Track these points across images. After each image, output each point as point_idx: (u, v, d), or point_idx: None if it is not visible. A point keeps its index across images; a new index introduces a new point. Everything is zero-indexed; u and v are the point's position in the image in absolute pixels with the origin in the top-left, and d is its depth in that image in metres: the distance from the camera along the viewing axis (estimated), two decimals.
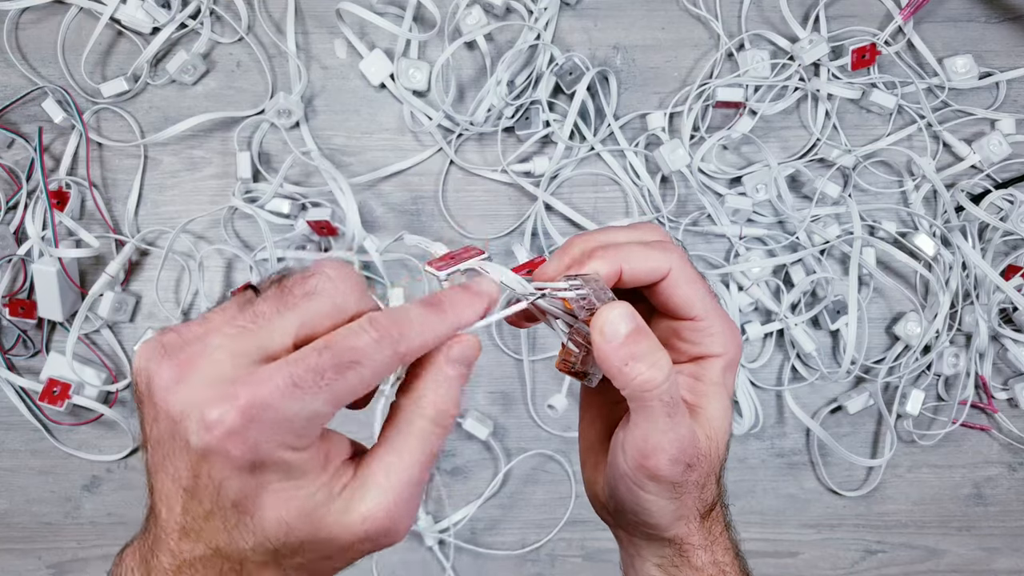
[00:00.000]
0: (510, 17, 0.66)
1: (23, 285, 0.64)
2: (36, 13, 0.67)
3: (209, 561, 0.26)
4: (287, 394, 0.24)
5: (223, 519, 0.25)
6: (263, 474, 0.25)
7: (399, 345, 0.26)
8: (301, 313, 0.26)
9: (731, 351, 0.33)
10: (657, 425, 0.30)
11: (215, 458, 0.24)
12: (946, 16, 0.68)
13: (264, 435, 0.24)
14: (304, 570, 0.27)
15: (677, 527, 0.33)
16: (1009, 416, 0.66)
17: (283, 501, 0.25)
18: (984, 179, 0.67)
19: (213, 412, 0.23)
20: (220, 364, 0.24)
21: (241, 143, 0.66)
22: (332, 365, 0.24)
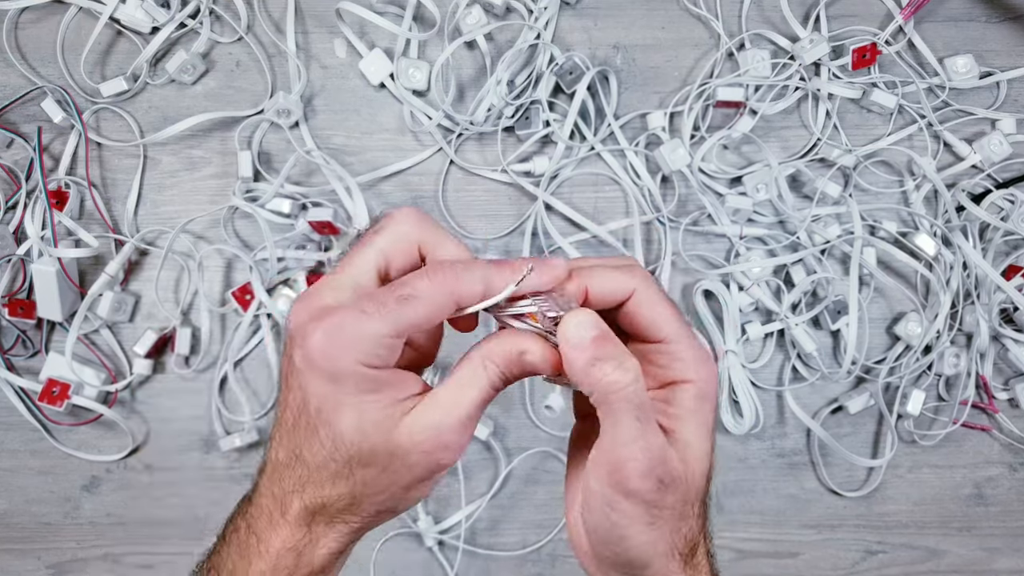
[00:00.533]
0: (510, 17, 0.66)
1: (22, 285, 0.64)
2: (35, 13, 0.67)
3: (290, 465, 0.32)
4: (357, 318, 0.29)
5: (306, 427, 0.31)
6: (343, 386, 0.30)
7: (452, 288, 0.30)
8: (374, 246, 0.32)
9: (704, 380, 0.32)
10: (626, 431, 0.30)
11: (306, 369, 0.30)
12: (947, 16, 0.68)
13: (340, 350, 0.29)
14: (372, 485, 0.32)
15: (656, 566, 0.32)
16: (1010, 416, 0.66)
17: (359, 412, 0.30)
18: (985, 179, 0.67)
19: (306, 330, 0.30)
20: (325, 296, 0.31)
21: (241, 143, 0.66)
22: (393, 298, 0.29)
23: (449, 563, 0.65)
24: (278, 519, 0.33)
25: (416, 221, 0.32)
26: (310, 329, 0.29)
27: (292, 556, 0.32)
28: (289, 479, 0.32)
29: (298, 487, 0.32)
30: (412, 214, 0.32)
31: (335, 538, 0.33)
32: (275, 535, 0.32)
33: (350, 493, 0.32)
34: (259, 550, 0.32)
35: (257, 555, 0.32)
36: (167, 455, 0.66)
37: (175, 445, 0.66)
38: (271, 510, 0.33)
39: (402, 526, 0.65)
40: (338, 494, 0.32)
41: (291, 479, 0.32)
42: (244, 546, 0.33)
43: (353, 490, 0.32)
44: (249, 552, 0.33)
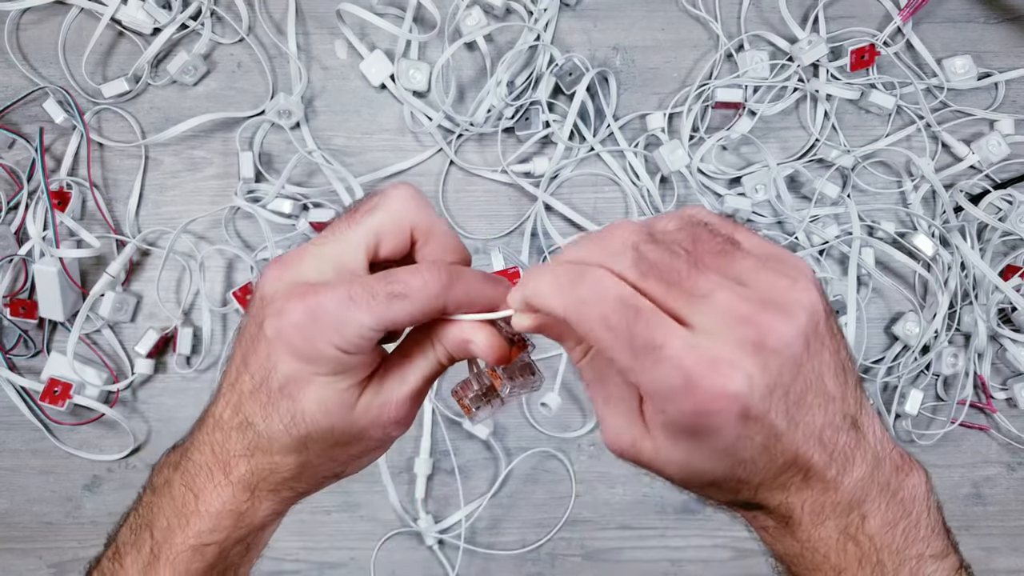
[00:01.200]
0: (510, 18, 0.67)
1: (24, 285, 0.64)
2: (37, 14, 0.67)
3: (239, 428, 0.31)
4: (343, 304, 0.28)
5: (266, 398, 0.30)
6: (314, 366, 0.29)
7: (443, 294, 0.30)
8: (366, 225, 0.31)
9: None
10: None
11: (278, 343, 0.29)
12: (945, 17, 0.68)
13: (319, 333, 0.29)
14: (323, 456, 0.32)
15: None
16: (1008, 416, 0.66)
17: (325, 391, 0.30)
18: (983, 179, 0.67)
19: (287, 304, 0.29)
20: (306, 268, 0.30)
21: (242, 143, 0.66)
22: (384, 292, 0.29)
23: (449, 562, 0.65)
24: (220, 479, 0.32)
25: (412, 202, 0.32)
26: (291, 305, 0.29)
27: (232, 517, 0.32)
28: (236, 441, 0.32)
29: (246, 452, 0.32)
30: (407, 194, 0.32)
31: (278, 501, 0.33)
32: (216, 496, 0.32)
33: (300, 464, 0.32)
34: (197, 509, 0.32)
35: (196, 514, 0.32)
36: None
37: None
38: (211, 468, 0.32)
39: (402, 526, 0.65)
40: (287, 465, 0.32)
41: (239, 442, 0.32)
42: (180, 503, 0.33)
43: (304, 461, 0.32)
44: (186, 510, 0.32)
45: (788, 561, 0.31)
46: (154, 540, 0.33)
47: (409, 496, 0.66)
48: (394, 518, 0.66)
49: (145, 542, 0.33)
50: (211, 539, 0.32)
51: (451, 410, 0.66)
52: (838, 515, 0.29)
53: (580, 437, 0.66)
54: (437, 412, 0.65)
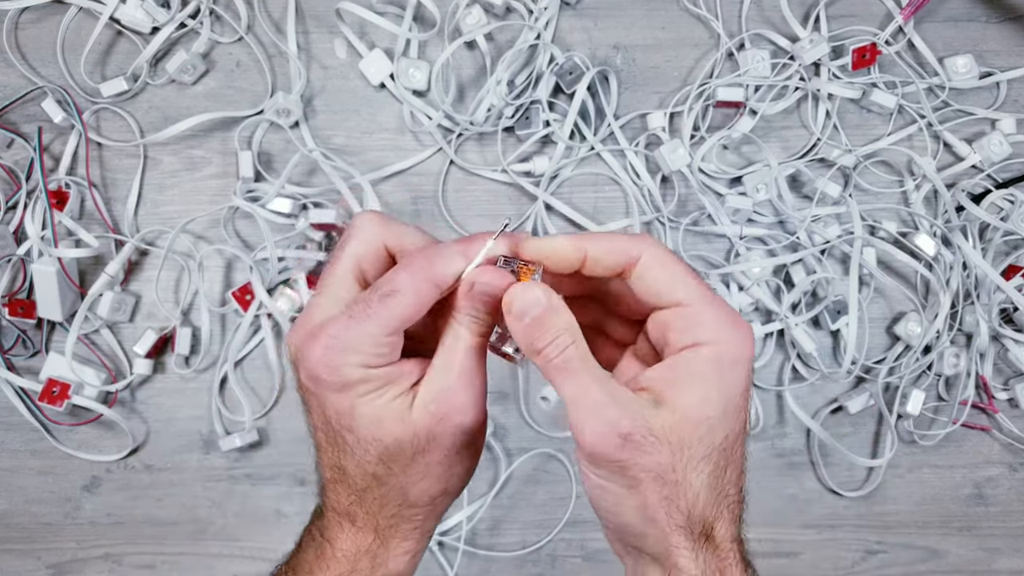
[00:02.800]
0: (510, 17, 0.66)
1: (22, 285, 0.64)
2: (35, 13, 0.67)
3: (339, 480, 0.33)
4: (346, 325, 0.30)
5: (335, 441, 0.32)
6: (352, 390, 0.31)
7: (429, 274, 0.31)
8: (344, 258, 0.33)
9: (725, 342, 0.31)
10: (568, 393, 0.30)
11: (315, 387, 0.31)
12: (947, 16, 0.68)
13: (340, 359, 0.30)
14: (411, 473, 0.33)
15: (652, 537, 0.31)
16: (1010, 416, 0.66)
17: (372, 408, 0.31)
18: (985, 179, 0.67)
19: (306, 351, 0.31)
20: (312, 317, 0.32)
21: (241, 143, 0.66)
22: (376, 297, 0.30)
23: (449, 564, 0.65)
24: (348, 527, 0.34)
25: (377, 225, 0.34)
26: (308, 348, 0.31)
27: (368, 559, 0.34)
28: (343, 494, 0.33)
29: (354, 500, 0.33)
30: (371, 217, 0.34)
31: (405, 536, 0.34)
32: (349, 542, 0.34)
33: (398, 488, 0.33)
34: (335, 555, 0.34)
35: (334, 559, 0.34)
36: (167, 455, 0.66)
37: (175, 445, 0.66)
38: (340, 521, 0.34)
39: None
40: (386, 494, 0.33)
41: (344, 494, 0.33)
42: (320, 551, 0.34)
43: (399, 484, 0.33)
44: (325, 556, 0.34)
45: None
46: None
47: None
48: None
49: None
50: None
51: None
52: None
53: None
54: None
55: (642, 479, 0.30)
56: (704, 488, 0.31)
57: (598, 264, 0.32)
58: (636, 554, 0.34)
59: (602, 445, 0.29)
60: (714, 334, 0.31)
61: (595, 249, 0.32)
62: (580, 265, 0.32)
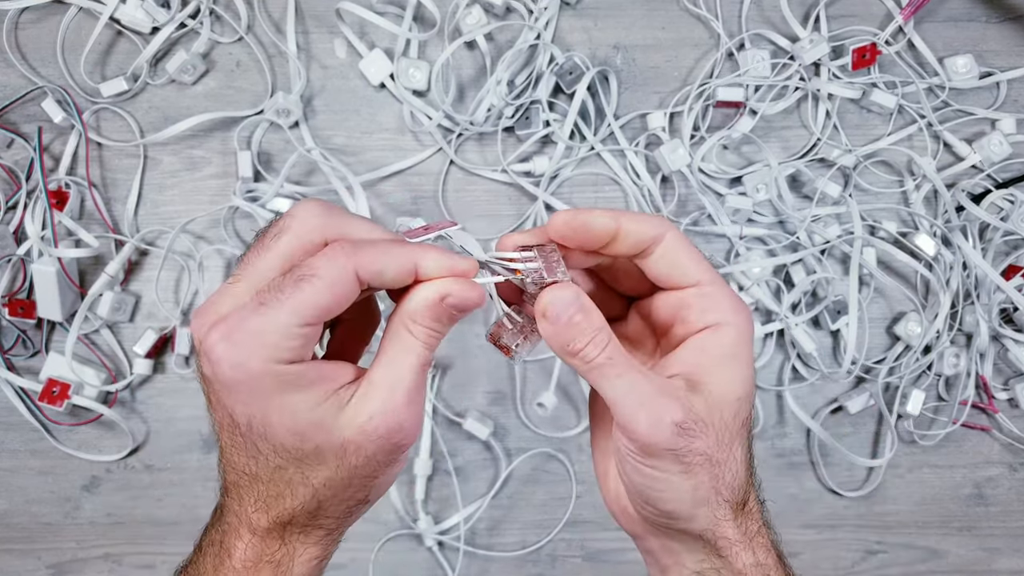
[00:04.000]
0: (510, 17, 0.66)
1: (22, 285, 0.64)
2: (35, 13, 0.67)
3: (244, 485, 0.30)
4: (255, 311, 0.27)
5: (244, 445, 0.29)
6: (262, 392, 0.28)
7: (350, 261, 0.28)
8: (276, 251, 0.29)
9: (742, 321, 0.32)
10: (613, 389, 0.30)
11: (218, 385, 0.28)
12: (947, 16, 0.68)
13: (246, 352, 0.27)
14: (330, 487, 0.30)
15: (703, 516, 0.31)
16: (1010, 416, 0.66)
17: (290, 415, 0.28)
18: (985, 179, 0.67)
19: (207, 342, 0.27)
20: (221, 307, 0.28)
21: (241, 143, 0.66)
22: (291, 282, 0.27)
23: (449, 564, 0.65)
24: (248, 537, 0.31)
25: (318, 217, 0.30)
26: (211, 340, 0.27)
27: (269, 569, 0.31)
28: (248, 498, 0.31)
29: (261, 505, 0.31)
30: (312, 210, 0.30)
31: (313, 543, 0.32)
32: (249, 551, 0.31)
33: (314, 497, 0.30)
34: (233, 566, 0.31)
35: (234, 571, 0.31)
36: (167, 455, 0.66)
37: (175, 445, 0.66)
38: (237, 528, 0.31)
39: (402, 527, 0.65)
40: (301, 502, 0.30)
41: (250, 498, 0.31)
42: (218, 559, 0.32)
43: (316, 494, 0.30)
44: (223, 566, 0.31)
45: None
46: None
47: (409, 497, 0.66)
48: (394, 519, 0.66)
49: None
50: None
51: (451, 410, 0.65)
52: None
53: (579, 435, 0.66)
54: (438, 413, 0.65)
55: (695, 463, 0.30)
56: (742, 463, 0.32)
57: (626, 240, 0.32)
58: (672, 535, 0.33)
59: (658, 436, 0.29)
60: (733, 314, 0.32)
61: (629, 225, 0.31)
62: (610, 240, 0.31)
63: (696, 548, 0.32)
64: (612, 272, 0.35)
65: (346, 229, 0.30)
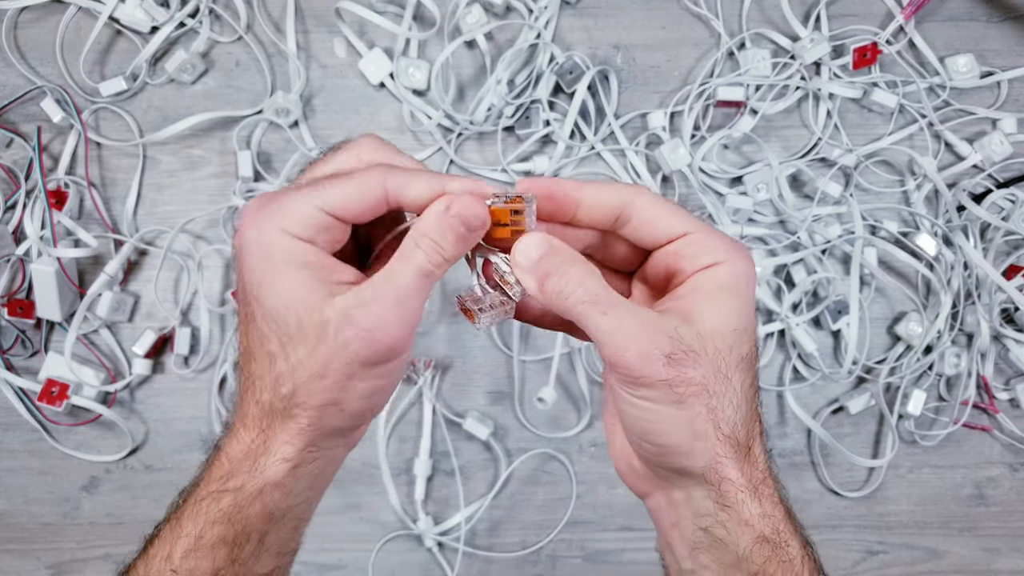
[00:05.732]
0: (510, 16, 0.66)
1: (21, 285, 0.64)
2: (35, 12, 0.67)
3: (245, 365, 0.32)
4: (288, 191, 0.31)
5: (247, 315, 0.31)
6: (271, 259, 0.30)
7: (384, 175, 0.31)
8: (332, 163, 0.33)
9: (739, 261, 0.32)
10: (600, 326, 0.30)
11: (240, 250, 0.31)
12: (947, 15, 0.68)
13: (267, 219, 0.30)
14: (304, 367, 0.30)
15: (700, 451, 0.30)
16: (1011, 416, 0.66)
17: (286, 283, 0.30)
18: (986, 179, 0.66)
19: (245, 210, 0.31)
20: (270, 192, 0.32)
21: (240, 142, 0.66)
22: (326, 177, 0.31)
23: (449, 564, 0.65)
24: (238, 427, 0.33)
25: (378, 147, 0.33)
26: (247, 208, 0.31)
27: (248, 463, 0.32)
28: (245, 381, 0.32)
29: (249, 385, 0.32)
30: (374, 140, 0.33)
31: (286, 440, 0.32)
32: (235, 442, 0.32)
33: (289, 376, 0.31)
34: (219, 459, 0.33)
35: (217, 462, 0.33)
36: (167, 455, 0.66)
37: (175, 445, 0.66)
38: (233, 427, 0.33)
39: (402, 527, 0.65)
40: (275, 379, 0.31)
41: (246, 380, 0.32)
42: (212, 458, 0.33)
43: (291, 372, 0.30)
44: (211, 463, 0.33)
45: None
46: (182, 495, 0.34)
47: (409, 497, 0.65)
48: (394, 520, 0.65)
49: (175, 501, 0.34)
50: (227, 486, 0.32)
51: (451, 410, 0.65)
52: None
53: (579, 435, 0.65)
54: (437, 413, 0.65)
55: (689, 393, 0.30)
56: (743, 400, 0.31)
57: (595, 209, 0.32)
58: (672, 479, 0.33)
59: (648, 366, 0.29)
60: (727, 254, 0.32)
61: (593, 191, 0.32)
62: (576, 208, 0.32)
63: (700, 497, 0.32)
64: (606, 251, 0.36)
65: (395, 159, 0.33)
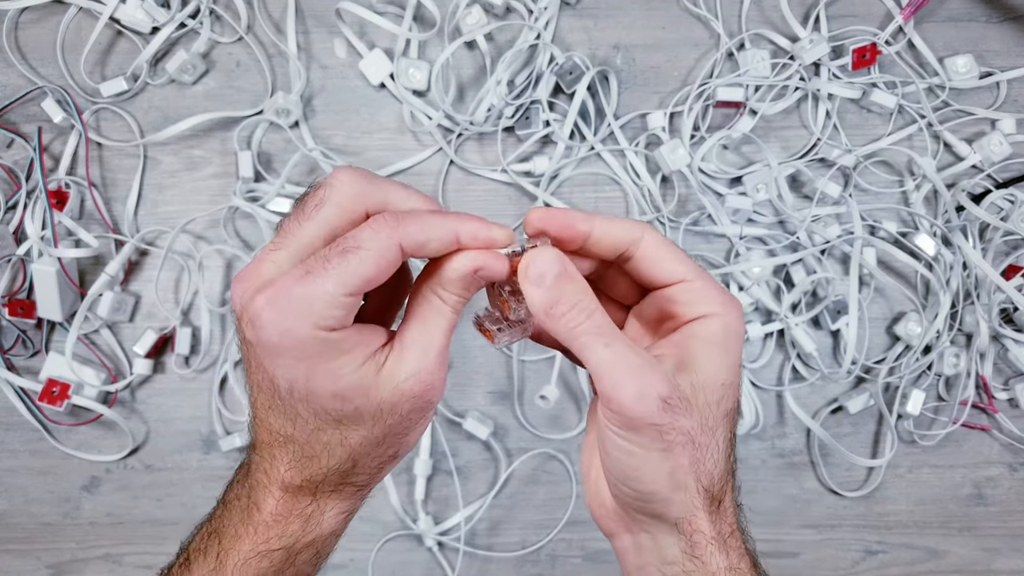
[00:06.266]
0: (510, 17, 0.66)
1: (22, 285, 0.64)
2: (35, 13, 0.67)
3: (279, 444, 0.31)
4: (301, 280, 0.28)
5: (283, 407, 0.30)
6: (307, 358, 0.29)
7: (395, 233, 0.29)
8: (319, 221, 0.30)
9: (731, 314, 0.32)
10: (602, 359, 0.29)
11: (262, 349, 0.29)
12: (946, 16, 0.68)
13: (292, 318, 0.28)
14: (366, 442, 0.31)
15: (679, 502, 0.31)
16: (1010, 416, 0.66)
17: (333, 380, 0.29)
18: (985, 179, 0.67)
19: (253, 306, 0.28)
20: (263, 272, 0.29)
21: (241, 143, 0.66)
22: (337, 253, 0.28)
23: (449, 564, 0.65)
24: (279, 493, 0.32)
25: (359, 181, 0.31)
26: (257, 306, 0.28)
27: (299, 522, 0.32)
28: (282, 457, 0.32)
29: (295, 465, 0.32)
30: (353, 175, 0.31)
31: (342, 499, 0.33)
32: (281, 506, 0.32)
33: (349, 457, 0.31)
34: (263, 520, 0.32)
35: (263, 523, 0.32)
36: (167, 455, 0.66)
37: (175, 445, 0.66)
38: (268, 486, 0.32)
39: (402, 527, 0.65)
40: (337, 462, 0.31)
41: (284, 457, 0.32)
42: (247, 514, 0.33)
43: (351, 453, 0.31)
44: (253, 520, 0.33)
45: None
46: (221, 547, 0.33)
47: (409, 497, 0.66)
48: (394, 519, 0.66)
49: (213, 549, 0.34)
50: (279, 544, 0.32)
51: (451, 410, 0.65)
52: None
53: (579, 435, 0.66)
54: (438, 413, 0.65)
55: (676, 443, 0.30)
56: (722, 454, 0.32)
57: (602, 241, 0.32)
58: (643, 523, 0.33)
59: (643, 408, 0.29)
60: (720, 307, 0.32)
61: (603, 225, 0.32)
62: (584, 240, 0.32)
63: (670, 544, 0.32)
64: (606, 281, 0.36)
65: (386, 198, 0.31)
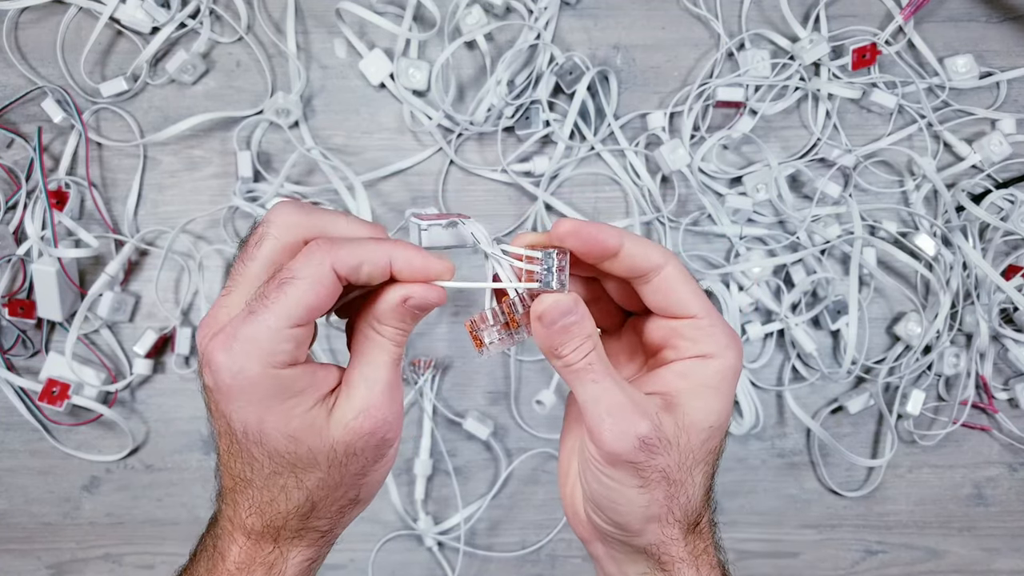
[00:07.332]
0: (510, 17, 0.66)
1: (22, 285, 0.64)
2: (35, 13, 0.67)
3: (239, 490, 0.31)
4: (246, 320, 0.28)
5: (240, 451, 0.30)
6: (259, 399, 0.29)
7: (327, 258, 0.29)
8: (260, 258, 0.30)
9: (731, 356, 0.33)
10: (588, 392, 0.31)
11: (217, 393, 0.29)
12: (947, 16, 0.68)
13: (242, 359, 0.28)
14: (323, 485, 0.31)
15: (651, 533, 0.32)
16: (1010, 416, 0.66)
17: (285, 420, 0.29)
18: (985, 179, 0.67)
19: (207, 352, 0.29)
20: (218, 318, 0.30)
21: (241, 143, 0.66)
22: (274, 287, 0.28)
23: (449, 564, 0.65)
24: (242, 540, 0.32)
25: (296, 213, 0.30)
26: (211, 349, 0.28)
27: (262, 570, 0.32)
28: (243, 503, 0.32)
29: (255, 510, 0.31)
30: (289, 208, 0.31)
31: (307, 545, 0.33)
32: (243, 554, 0.32)
33: (308, 500, 0.31)
34: (228, 569, 0.32)
35: (227, 573, 0.32)
36: (167, 455, 0.66)
37: (175, 445, 0.66)
38: (231, 533, 0.32)
39: (402, 527, 0.65)
40: (295, 505, 0.31)
41: (245, 504, 0.32)
42: (212, 563, 0.33)
43: (309, 496, 0.31)
44: (217, 569, 0.32)
45: None
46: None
47: (409, 497, 0.66)
48: (394, 519, 0.66)
49: None
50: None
51: (451, 410, 0.65)
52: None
53: None
54: (438, 413, 0.65)
55: (652, 480, 0.31)
56: (700, 488, 0.33)
57: (625, 261, 0.32)
58: (617, 546, 0.34)
59: (621, 446, 0.30)
60: (723, 349, 0.33)
61: (633, 247, 0.32)
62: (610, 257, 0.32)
63: (639, 560, 0.33)
64: (613, 285, 0.36)
65: (324, 226, 0.31)
